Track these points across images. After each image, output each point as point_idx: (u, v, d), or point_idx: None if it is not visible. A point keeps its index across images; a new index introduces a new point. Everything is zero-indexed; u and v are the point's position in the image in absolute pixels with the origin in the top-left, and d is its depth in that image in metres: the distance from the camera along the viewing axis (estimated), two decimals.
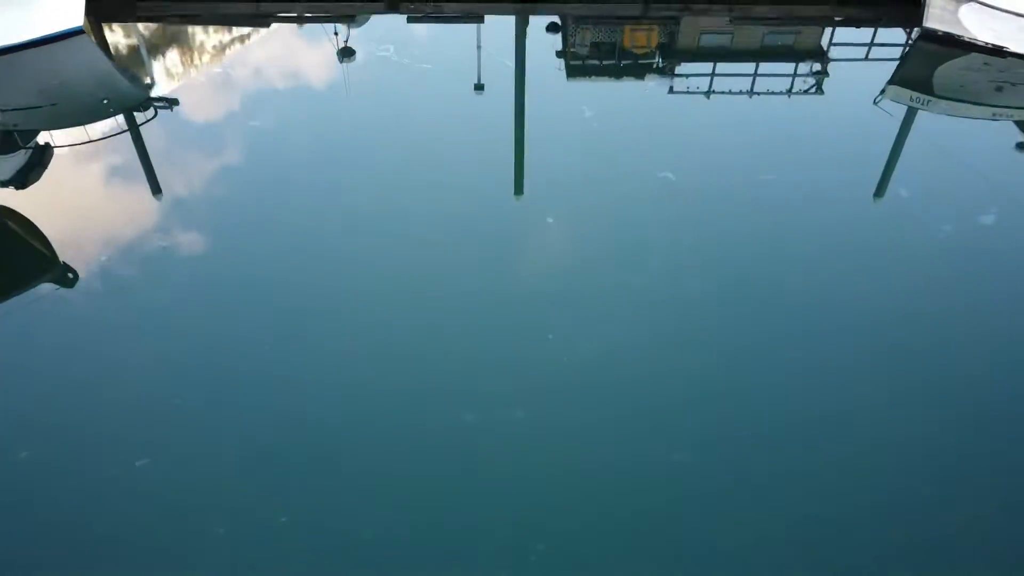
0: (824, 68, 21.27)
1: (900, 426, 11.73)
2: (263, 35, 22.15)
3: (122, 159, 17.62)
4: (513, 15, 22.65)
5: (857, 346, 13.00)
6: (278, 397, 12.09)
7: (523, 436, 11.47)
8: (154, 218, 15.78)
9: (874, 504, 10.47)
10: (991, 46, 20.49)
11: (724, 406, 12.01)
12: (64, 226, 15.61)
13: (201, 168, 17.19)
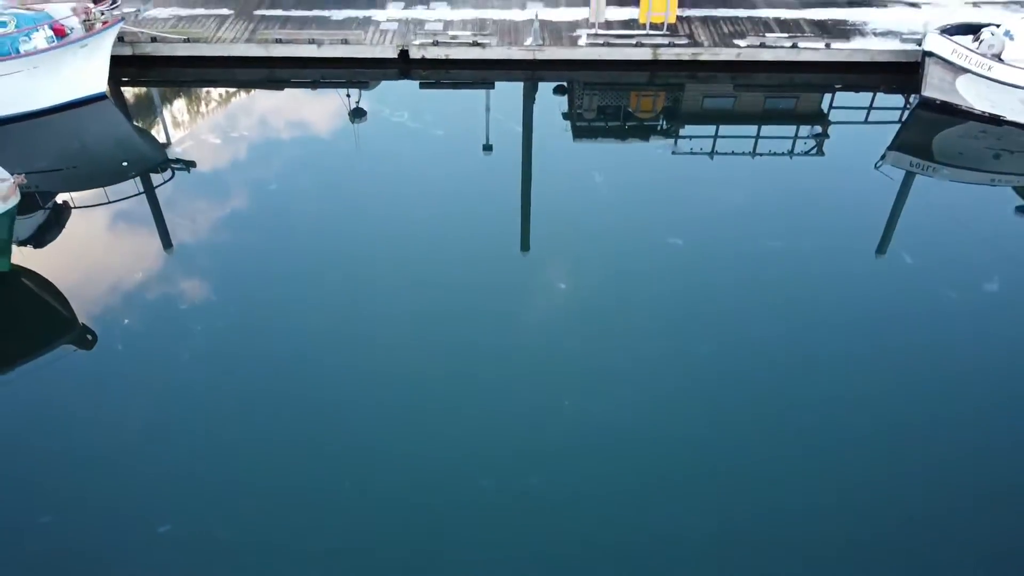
0: (824, 131, 21.73)
1: (903, 491, 11.88)
2: (278, 99, 22.77)
3: (139, 220, 18.05)
4: (522, 81, 23.28)
5: (864, 410, 13.15)
6: (296, 458, 12.24)
7: (534, 500, 11.63)
8: (169, 278, 16.12)
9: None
10: (988, 115, 20.98)
11: (733, 468, 12.16)
12: (83, 286, 15.94)
13: (216, 228, 17.58)
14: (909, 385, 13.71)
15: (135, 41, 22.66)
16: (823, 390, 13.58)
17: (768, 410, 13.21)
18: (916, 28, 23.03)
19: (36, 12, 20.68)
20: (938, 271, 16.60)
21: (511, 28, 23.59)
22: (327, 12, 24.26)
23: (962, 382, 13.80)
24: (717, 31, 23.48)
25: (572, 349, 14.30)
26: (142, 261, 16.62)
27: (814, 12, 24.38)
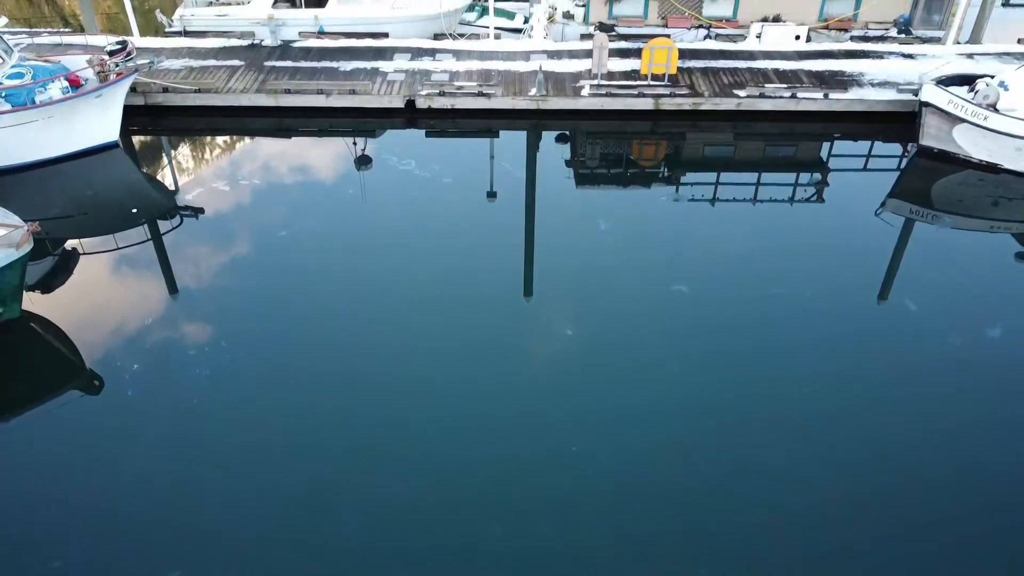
0: (824, 179, 22.01)
1: (910, 539, 11.81)
2: (286, 147, 23.16)
3: (147, 266, 18.24)
4: (526, 130, 23.70)
5: (871, 454, 13.11)
6: (304, 507, 12.19)
7: (543, 547, 11.57)
8: (177, 323, 16.22)
9: None
10: (985, 163, 21.31)
11: (741, 514, 12.09)
12: (91, 332, 16.03)
13: (223, 274, 17.76)
14: (915, 432, 13.69)
15: (148, 92, 23.16)
16: (828, 436, 13.55)
17: (774, 455, 13.18)
18: (912, 79, 23.51)
19: (53, 64, 21.21)
20: (941, 317, 16.64)
21: (515, 79, 24.10)
22: (335, 64, 24.81)
23: (969, 429, 13.76)
24: (717, 82, 23.97)
25: (577, 395, 14.31)
26: (150, 307, 16.75)
27: (812, 63, 24.90)
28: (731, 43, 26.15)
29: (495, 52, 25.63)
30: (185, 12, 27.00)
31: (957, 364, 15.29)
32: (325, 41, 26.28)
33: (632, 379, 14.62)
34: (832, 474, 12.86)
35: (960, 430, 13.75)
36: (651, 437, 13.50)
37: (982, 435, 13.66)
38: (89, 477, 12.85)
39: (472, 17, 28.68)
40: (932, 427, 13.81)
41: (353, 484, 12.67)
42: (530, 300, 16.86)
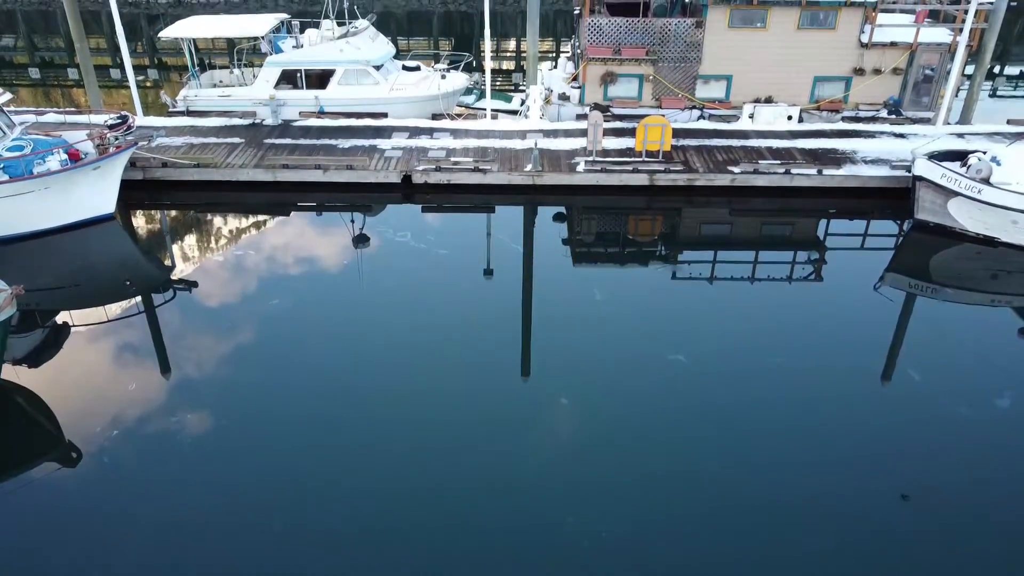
0: (821, 256, 21.97)
1: None
2: (282, 223, 23.21)
3: (137, 340, 17.94)
4: (522, 206, 23.80)
5: (876, 543, 12.58)
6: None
7: None
8: (162, 400, 15.81)
9: None
10: (982, 237, 21.27)
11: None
12: (73, 406, 15.64)
13: (213, 351, 17.42)
14: (922, 514, 13.31)
15: (147, 166, 23.39)
16: (832, 519, 13.10)
17: (775, 535, 12.67)
18: (904, 156, 23.76)
19: (54, 138, 21.51)
20: (946, 395, 16.29)
21: (511, 156, 24.38)
22: (334, 141, 25.17)
23: (978, 511, 13.28)
24: (711, 159, 24.23)
25: (575, 473, 13.94)
26: (136, 380, 16.39)
27: (805, 142, 25.24)
28: (724, 123, 26.58)
29: (492, 131, 26.03)
30: (189, 93, 27.58)
31: (965, 443, 14.87)
32: (325, 120, 26.74)
33: (630, 457, 14.29)
34: (835, 558, 12.30)
35: (968, 512, 13.25)
36: (650, 513, 13.12)
37: (992, 516, 13.17)
38: (59, 549, 12.26)
39: (470, 100, 29.29)
40: (939, 509, 13.34)
41: (349, 563, 12.10)
42: (527, 380, 16.57)
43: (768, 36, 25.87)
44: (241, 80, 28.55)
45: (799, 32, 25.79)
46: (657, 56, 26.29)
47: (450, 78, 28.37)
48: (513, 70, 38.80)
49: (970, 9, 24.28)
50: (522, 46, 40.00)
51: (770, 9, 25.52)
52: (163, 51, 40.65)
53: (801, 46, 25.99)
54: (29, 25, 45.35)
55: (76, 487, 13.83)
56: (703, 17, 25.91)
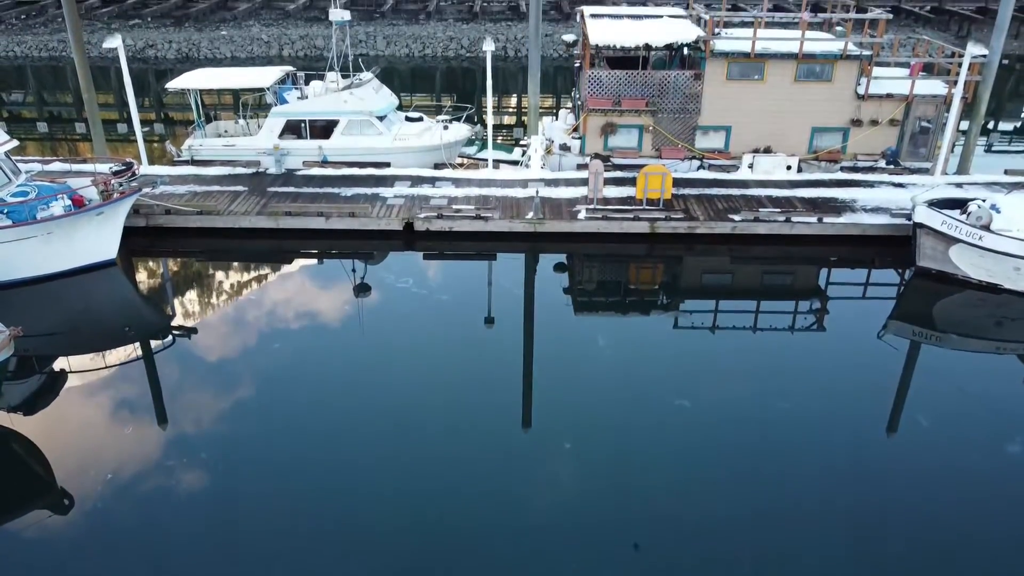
0: (824, 306, 21.91)
1: None
2: (284, 271, 23.20)
3: (134, 388, 17.78)
4: (523, 253, 23.83)
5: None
6: None
7: None
8: (157, 450, 15.56)
9: None
10: (985, 284, 21.22)
11: None
12: (66, 452, 15.42)
13: (211, 402, 17.22)
14: (928, 560, 13.11)
15: (150, 213, 23.48)
16: (839, 559, 12.93)
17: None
18: (903, 205, 23.90)
19: (59, 184, 21.66)
20: (953, 440, 16.14)
21: (513, 203, 24.52)
22: (337, 190, 25.34)
23: (989, 556, 13.04)
24: (712, 207, 24.35)
25: (580, 525, 13.73)
26: (132, 431, 16.17)
27: (804, 191, 25.41)
28: (724, 173, 26.81)
29: (493, 180, 26.23)
30: (194, 142, 27.88)
31: (975, 491, 14.61)
32: (328, 169, 26.98)
33: (635, 509, 14.06)
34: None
35: (981, 560, 13.00)
36: (658, 562, 12.92)
37: (1005, 564, 12.94)
38: None
39: (472, 151, 29.60)
40: (949, 558, 13.09)
41: None
42: (528, 431, 16.37)
43: (766, 88, 26.28)
44: (246, 130, 28.90)
45: (796, 84, 26.20)
46: (656, 107, 26.66)
47: (452, 129, 28.73)
48: (514, 124, 39.33)
49: (964, 62, 24.71)
50: (523, 101, 40.63)
51: (767, 62, 25.97)
52: (169, 106, 41.28)
53: (798, 98, 26.38)
54: (39, 80, 46.15)
55: (68, 535, 13.53)
56: (701, 70, 26.36)
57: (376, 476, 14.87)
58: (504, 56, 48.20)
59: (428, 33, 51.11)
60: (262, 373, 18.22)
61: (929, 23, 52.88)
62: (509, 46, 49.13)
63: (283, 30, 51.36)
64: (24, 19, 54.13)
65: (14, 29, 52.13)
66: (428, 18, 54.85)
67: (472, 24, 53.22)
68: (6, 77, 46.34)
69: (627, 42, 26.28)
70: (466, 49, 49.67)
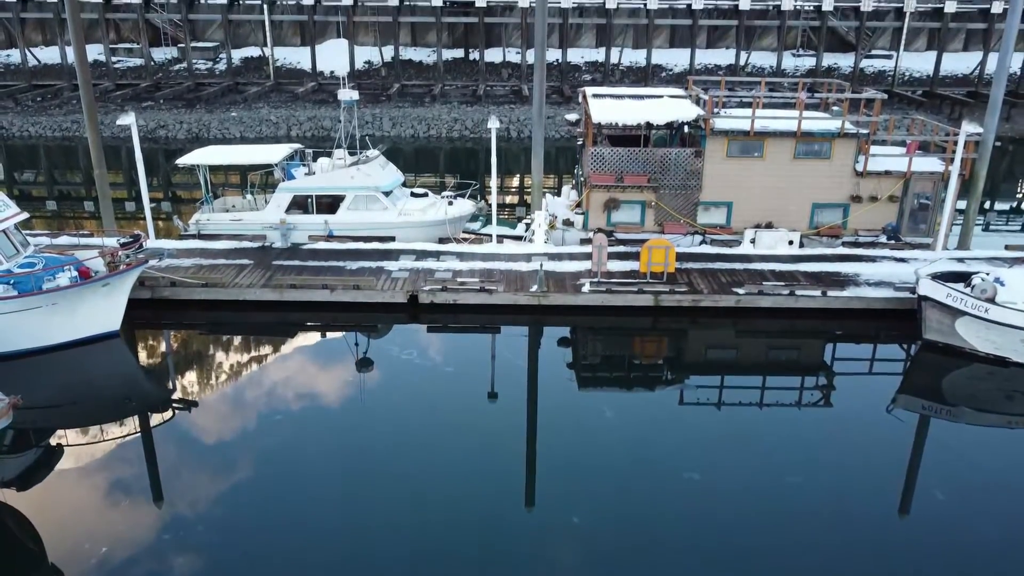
0: (830, 381, 21.76)
1: None
2: (287, 344, 23.13)
3: (131, 465, 17.51)
4: (527, 326, 23.79)
5: None
6: None
7: None
8: (153, 530, 15.19)
9: None
10: (993, 357, 21.09)
11: None
12: (59, 529, 15.09)
13: (209, 480, 16.90)
14: None
15: (155, 286, 23.56)
16: None
17: None
18: (906, 279, 23.96)
19: (66, 256, 21.81)
20: (969, 515, 15.79)
21: (517, 277, 24.61)
22: (342, 263, 25.49)
23: None
24: (715, 280, 24.43)
25: None
26: (128, 509, 15.87)
27: (807, 265, 25.53)
28: (727, 247, 27.01)
29: (498, 254, 26.41)
30: (201, 217, 28.22)
31: (994, 568, 14.24)
32: (333, 243, 27.20)
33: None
34: None
35: None
36: None
37: None
38: None
39: (476, 226, 29.92)
40: None
41: None
42: (532, 510, 16.04)
43: (766, 165, 26.74)
44: (253, 205, 29.28)
45: (795, 161, 26.68)
46: (658, 183, 27.08)
47: (457, 204, 29.11)
48: (517, 203, 39.88)
49: (960, 139, 25.21)
50: (526, 180, 41.33)
51: (766, 140, 26.51)
52: (178, 185, 41.98)
53: (798, 174, 26.81)
54: (50, 160, 47.08)
55: None
56: (702, 147, 26.88)
57: (377, 555, 14.49)
58: (507, 137, 49.28)
59: (433, 115, 52.42)
60: (262, 450, 17.96)
61: (922, 107, 54.25)
62: (512, 127, 50.29)
63: (291, 112, 52.70)
64: (40, 101, 55.64)
65: (29, 110, 53.51)
66: (433, 101, 56.34)
67: (476, 107, 54.63)
68: (19, 156, 47.30)
69: (629, 120, 26.90)
70: (470, 130, 50.83)
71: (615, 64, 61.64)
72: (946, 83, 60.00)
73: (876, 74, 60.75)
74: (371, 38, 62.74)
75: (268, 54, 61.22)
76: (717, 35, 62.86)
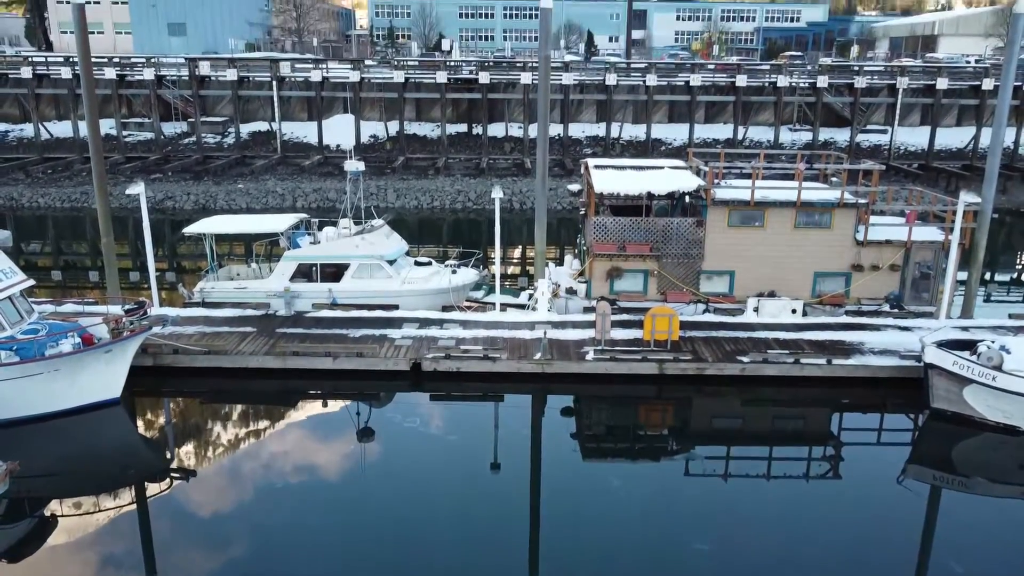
0: (838, 452, 21.49)
1: None
2: (289, 413, 22.93)
3: (126, 537, 17.20)
4: (531, 394, 23.60)
5: None
6: None
7: None
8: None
9: None
10: (1003, 426, 20.82)
11: None
12: None
13: (206, 554, 16.55)
14: None
15: (157, 353, 23.48)
16: None
17: None
18: (911, 347, 23.86)
19: (70, 323, 21.82)
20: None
21: (520, 344, 24.55)
22: (345, 330, 25.46)
23: None
24: (720, 349, 24.34)
25: None
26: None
27: (811, 334, 25.45)
28: (730, 316, 27.00)
29: (501, 322, 26.40)
30: (206, 285, 28.33)
31: None
32: (337, 311, 27.24)
33: None
34: None
35: None
36: None
37: None
38: None
39: (479, 294, 30.00)
40: None
41: None
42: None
43: (767, 234, 26.97)
44: (257, 274, 29.43)
45: (796, 231, 26.91)
46: (661, 252, 27.26)
47: (460, 273, 29.26)
48: (519, 273, 40.09)
49: (959, 208, 25.49)
50: (528, 251, 41.67)
51: (767, 210, 26.81)
52: (183, 255, 42.32)
53: (799, 244, 27.01)
54: (58, 230, 47.59)
55: None
56: (703, 217, 27.17)
57: None
58: (510, 208, 49.87)
59: (437, 186, 53.19)
60: (261, 523, 17.62)
61: (918, 179, 55.02)
62: (515, 198, 50.95)
63: (297, 184, 53.50)
64: (50, 173, 56.56)
65: (40, 182, 54.35)
66: (437, 173, 57.25)
67: (479, 179, 55.47)
68: (28, 226, 47.81)
69: (631, 190, 27.26)
70: (473, 201, 51.49)
71: (615, 138, 62.88)
72: (941, 156, 61.04)
73: (872, 148, 61.85)
74: (377, 113, 64.21)
75: (276, 128, 62.57)
76: (715, 111, 64.27)
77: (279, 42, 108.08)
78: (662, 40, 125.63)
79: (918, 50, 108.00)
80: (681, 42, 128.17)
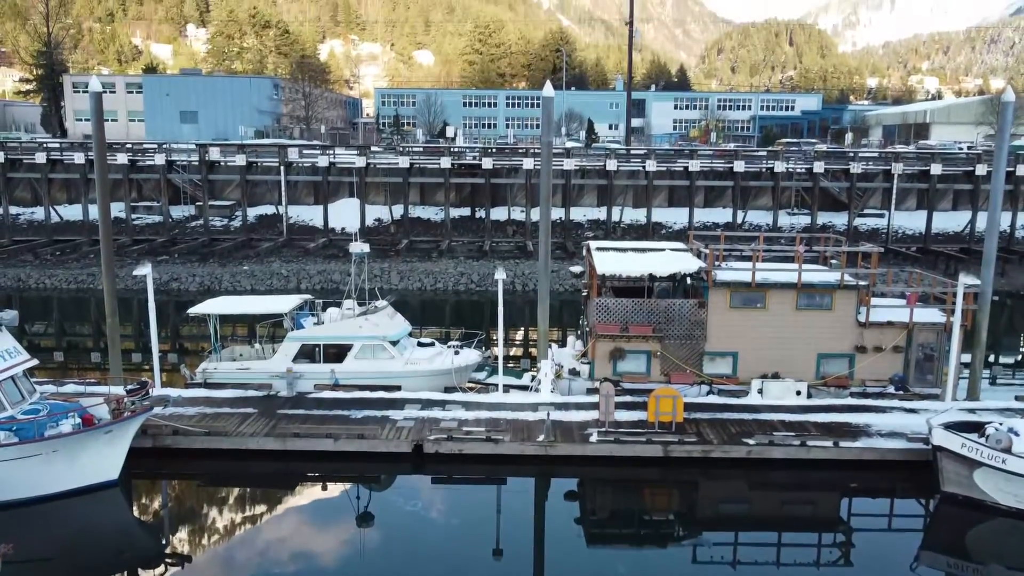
0: (848, 538, 21.04)
1: None
2: (289, 496, 22.58)
3: None
4: (534, 477, 23.25)
5: None
6: None
7: None
8: None
9: None
10: (1015, 510, 20.40)
11: None
12: None
13: None
14: None
15: (157, 434, 23.26)
16: None
17: None
18: (918, 429, 23.60)
19: (71, 403, 21.72)
20: None
21: (524, 426, 24.33)
22: (347, 412, 25.29)
23: None
24: (725, 431, 24.10)
25: None
26: None
27: (816, 416, 25.24)
28: (734, 398, 26.84)
29: (504, 403, 26.24)
30: (208, 365, 28.31)
31: None
32: (339, 392, 27.11)
33: None
34: None
35: None
36: None
37: None
38: None
39: (482, 376, 29.90)
40: None
41: None
42: None
43: (769, 316, 27.05)
44: (260, 355, 29.43)
45: (798, 312, 26.99)
46: (663, 333, 27.30)
47: (463, 354, 29.24)
48: (522, 355, 40.03)
49: (959, 291, 25.64)
50: (531, 333, 41.74)
51: (768, 291, 26.97)
52: (187, 336, 42.41)
53: (801, 325, 27.05)
54: (62, 311, 47.84)
55: None
56: (705, 298, 27.32)
57: None
58: (512, 290, 50.18)
59: (440, 269, 53.68)
60: None
61: (917, 262, 55.46)
62: (517, 280, 51.31)
63: (302, 265, 54.04)
64: (58, 255, 57.24)
65: (47, 263, 54.93)
66: (440, 256, 57.86)
67: (482, 261, 56.02)
68: (33, 307, 48.06)
69: (632, 272, 27.52)
70: (475, 283, 51.84)
71: (616, 222, 63.77)
72: (938, 240, 61.71)
73: (870, 232, 62.60)
74: (382, 197, 65.34)
75: (282, 212, 63.59)
76: (714, 195, 65.40)
77: (288, 129, 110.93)
78: (661, 128, 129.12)
79: (911, 137, 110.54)
80: (679, 130, 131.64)
